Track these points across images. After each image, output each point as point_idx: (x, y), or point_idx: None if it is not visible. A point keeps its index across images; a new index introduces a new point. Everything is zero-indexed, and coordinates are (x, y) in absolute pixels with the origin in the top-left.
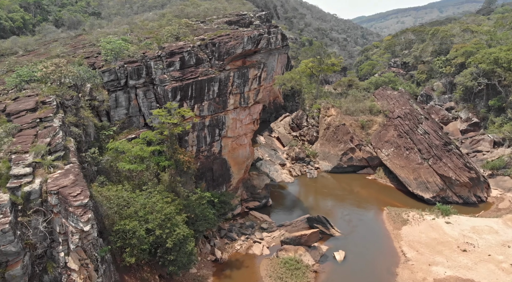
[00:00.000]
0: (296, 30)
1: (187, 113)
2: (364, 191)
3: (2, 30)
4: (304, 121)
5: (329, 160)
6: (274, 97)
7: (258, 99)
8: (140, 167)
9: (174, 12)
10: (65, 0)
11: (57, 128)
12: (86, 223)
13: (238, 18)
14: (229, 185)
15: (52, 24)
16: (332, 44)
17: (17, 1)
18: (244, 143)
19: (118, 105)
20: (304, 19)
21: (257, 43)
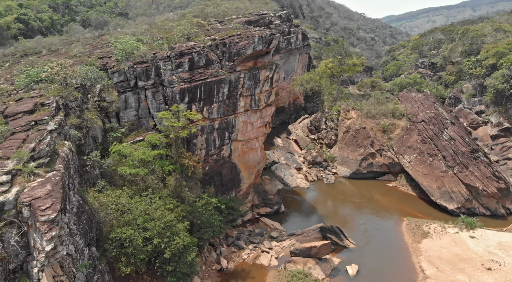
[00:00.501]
0: (322, 29)
1: (193, 116)
2: (383, 199)
3: (30, 30)
4: (322, 124)
5: (348, 165)
6: (294, 98)
7: (270, 101)
8: (142, 171)
9: (194, 12)
10: (94, 1)
11: (45, 133)
12: (49, 242)
13: (258, 18)
14: (238, 190)
15: (80, 24)
16: (359, 43)
17: (47, 2)
18: (255, 146)
19: (127, 107)
20: (330, 18)
21: (268, 44)
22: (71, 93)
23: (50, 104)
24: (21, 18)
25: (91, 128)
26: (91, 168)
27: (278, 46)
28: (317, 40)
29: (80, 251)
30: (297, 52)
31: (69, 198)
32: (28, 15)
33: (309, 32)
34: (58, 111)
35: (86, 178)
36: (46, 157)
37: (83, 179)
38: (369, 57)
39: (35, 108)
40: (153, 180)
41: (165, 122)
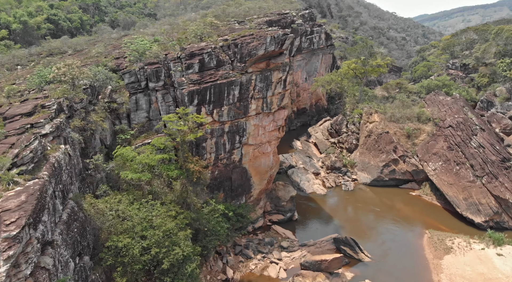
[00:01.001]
0: (350, 29)
1: (199, 120)
2: (405, 209)
3: (60, 30)
4: (343, 127)
5: (369, 171)
6: (316, 99)
7: (283, 104)
8: (144, 176)
9: (216, 12)
10: (124, 1)
11: (32, 137)
12: (5, 262)
13: (279, 17)
14: (249, 196)
15: (108, 25)
16: (389, 43)
17: (77, 3)
18: (267, 151)
19: (138, 108)
20: (360, 17)
21: (281, 44)
22: (77, 95)
23: (51, 106)
24: (51, 18)
25: (96, 131)
26: (94, 171)
27: (299, 46)
28: (343, 39)
29: (64, 264)
30: (320, 52)
31: (54, 207)
32: (58, 16)
33: (335, 32)
34: (59, 113)
35: (89, 182)
36: (31, 164)
37: (86, 183)
38: (399, 57)
39: (34, 110)
40: (159, 184)
41: (170, 126)
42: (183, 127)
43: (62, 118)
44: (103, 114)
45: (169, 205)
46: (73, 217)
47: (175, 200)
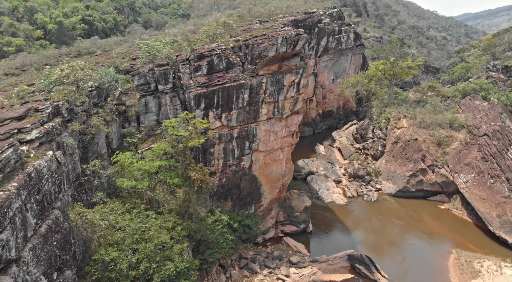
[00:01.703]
0: (387, 28)
1: (202, 125)
2: (432, 223)
3: (94, 31)
4: (369, 132)
5: (394, 181)
6: (344, 101)
7: (297, 109)
8: (140, 184)
9: (242, 11)
10: (159, 2)
11: (5, 146)
12: None
13: (305, 17)
14: (258, 206)
15: (141, 25)
16: (428, 43)
17: (113, 4)
18: (279, 158)
19: (147, 111)
20: (397, 16)
21: (294, 45)
22: (78, 98)
23: (44, 110)
24: (86, 19)
25: (96, 135)
26: (91, 177)
27: (326, 46)
28: (377, 39)
29: None
30: (349, 53)
31: (23, 221)
32: (93, 17)
33: (369, 31)
34: (54, 117)
35: (88, 188)
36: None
37: (84, 189)
38: (438, 57)
39: (26, 114)
40: (161, 192)
41: (170, 132)
42: (183, 133)
43: (56, 122)
44: (109, 117)
45: (167, 215)
46: (54, 229)
47: (177, 209)
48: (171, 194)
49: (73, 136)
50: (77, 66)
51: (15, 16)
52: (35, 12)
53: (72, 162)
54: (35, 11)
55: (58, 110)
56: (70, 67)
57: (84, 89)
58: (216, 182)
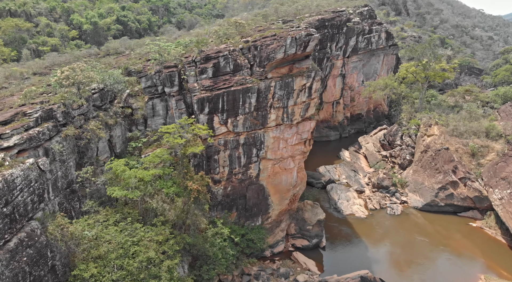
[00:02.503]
0: (428, 27)
1: (200, 132)
2: (460, 243)
3: (129, 31)
4: (397, 139)
5: (421, 193)
6: (375, 104)
7: (309, 115)
8: (131, 194)
9: (269, 11)
10: (195, 3)
11: None
12: None
13: (333, 16)
14: (266, 217)
15: (175, 26)
16: (473, 43)
17: (148, 4)
18: (290, 167)
19: (155, 114)
20: (440, 15)
21: (304, 46)
22: (76, 100)
23: (32, 114)
24: (121, 19)
25: (91, 140)
26: (83, 185)
27: (355, 46)
28: (415, 39)
29: None
30: (381, 53)
31: None
32: (128, 17)
33: (406, 30)
34: (43, 121)
35: (82, 195)
36: None
37: (77, 197)
38: (483, 58)
39: (13, 118)
40: (159, 201)
41: (166, 139)
42: (179, 141)
43: (45, 127)
44: (112, 120)
45: (160, 227)
46: (26, 243)
47: (174, 220)
48: (172, 203)
49: (67, 141)
50: (78, 68)
51: (52, 16)
52: (72, 12)
53: (64, 168)
54: (72, 11)
55: (50, 114)
56: (71, 69)
57: (85, 91)
58: (220, 190)
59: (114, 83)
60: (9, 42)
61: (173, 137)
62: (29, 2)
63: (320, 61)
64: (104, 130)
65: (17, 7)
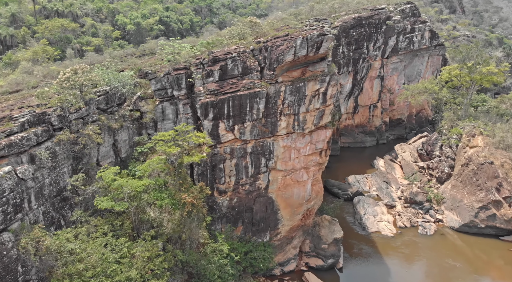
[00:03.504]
0: (486, 26)
1: (197, 140)
2: (502, 270)
3: (171, 32)
4: (436, 149)
5: (459, 212)
6: (418, 109)
7: (324, 123)
8: (118, 206)
9: (304, 9)
10: (239, 3)
11: None
12: None
13: (372, 14)
14: (274, 233)
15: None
16: None
17: (191, 5)
18: (303, 179)
19: (165, 118)
20: (499, 12)
21: (317, 48)
22: (75, 104)
23: (18, 119)
24: (163, 20)
25: (87, 145)
26: (73, 193)
27: (395, 46)
28: (468, 38)
29: None
30: (426, 54)
31: None
32: (170, 18)
33: (459, 29)
34: (30, 126)
35: (74, 203)
36: None
37: (67, 205)
38: None
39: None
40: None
41: (157, 147)
42: (172, 150)
43: (32, 132)
44: (117, 123)
45: (149, 242)
46: None
47: (169, 234)
48: (171, 214)
49: (61, 146)
50: (80, 69)
51: (98, 17)
52: (117, 13)
53: (54, 174)
54: (117, 12)
55: (41, 118)
56: (72, 71)
57: (87, 94)
58: (226, 202)
59: (118, 85)
60: (55, 42)
61: (167, 146)
62: (76, 3)
63: (355, 62)
64: (107, 135)
65: (64, 8)
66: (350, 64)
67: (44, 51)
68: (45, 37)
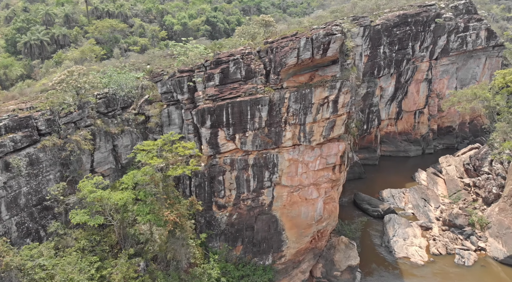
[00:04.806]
0: None
1: (183, 152)
2: None
3: (217, 32)
4: (485, 165)
5: (506, 240)
6: (472, 116)
7: (336, 135)
8: (92, 221)
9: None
10: (289, 2)
11: None
12: None
13: (419, 10)
14: (278, 256)
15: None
16: None
17: (240, 5)
18: (312, 197)
19: (171, 123)
20: None
21: (324, 49)
22: (65, 107)
23: None
24: (210, 20)
25: (73, 151)
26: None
27: (446, 47)
28: None
29: None
30: (482, 55)
31: None
32: (217, 18)
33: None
34: (8, 131)
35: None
36: None
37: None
38: None
39: None
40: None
41: (138, 158)
42: (154, 162)
43: (6, 138)
44: (117, 128)
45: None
46: None
47: (156, 252)
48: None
49: (46, 153)
50: (76, 71)
51: (147, 18)
52: (166, 14)
53: (35, 182)
54: (166, 13)
55: (23, 123)
56: (68, 72)
57: (84, 97)
58: (225, 217)
59: (117, 88)
60: (104, 42)
61: (148, 157)
62: (126, 4)
63: (397, 64)
64: (103, 140)
65: (115, 8)
66: (392, 66)
67: (92, 50)
68: (95, 37)
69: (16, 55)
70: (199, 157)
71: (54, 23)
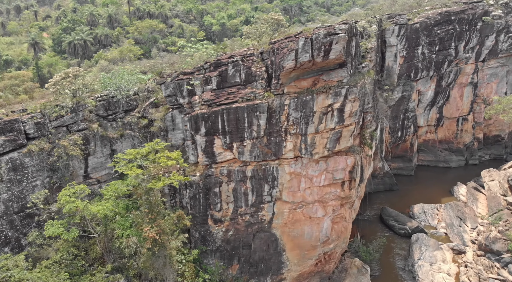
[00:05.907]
0: None
1: (165, 162)
2: None
3: None
4: None
5: None
6: None
7: (342, 148)
8: (66, 234)
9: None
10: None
11: None
12: None
13: (464, 8)
14: (277, 279)
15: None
16: None
17: (281, 4)
18: (317, 215)
19: (175, 127)
20: None
21: (325, 51)
22: (56, 111)
23: None
24: (249, 20)
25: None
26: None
27: (494, 47)
28: None
29: None
30: None
31: None
32: (255, 18)
33: None
34: None
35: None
36: None
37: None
38: None
39: None
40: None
41: (117, 168)
42: (132, 172)
43: None
44: (116, 132)
45: (102, 279)
46: None
47: (139, 268)
48: None
49: (32, 158)
50: (72, 73)
51: (187, 18)
52: (206, 14)
53: (17, 188)
54: (206, 13)
55: (6, 127)
56: (64, 74)
57: (81, 99)
58: (220, 233)
59: (115, 90)
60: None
61: (127, 167)
62: (166, 5)
63: (438, 66)
64: (99, 145)
65: (156, 9)
66: (432, 68)
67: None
68: (134, 37)
69: (61, 55)
70: (195, 166)
71: (98, 23)
